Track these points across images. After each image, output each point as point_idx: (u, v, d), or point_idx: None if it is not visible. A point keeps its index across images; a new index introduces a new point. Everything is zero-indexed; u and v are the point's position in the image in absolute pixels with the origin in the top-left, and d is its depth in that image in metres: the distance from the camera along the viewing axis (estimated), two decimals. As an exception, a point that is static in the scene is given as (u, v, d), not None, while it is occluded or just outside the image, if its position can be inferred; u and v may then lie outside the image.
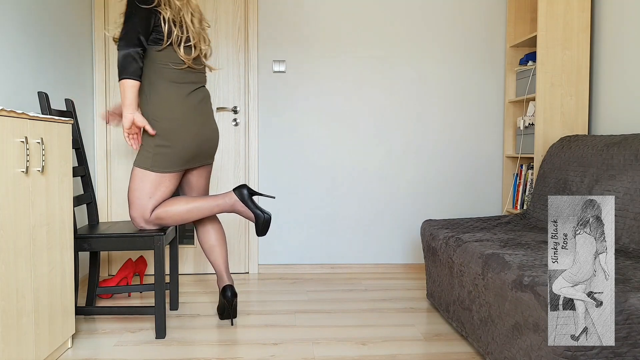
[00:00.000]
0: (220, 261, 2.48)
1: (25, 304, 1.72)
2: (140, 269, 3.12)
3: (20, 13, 2.40)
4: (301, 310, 2.67)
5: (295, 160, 3.45)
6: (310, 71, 3.43)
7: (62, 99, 2.85)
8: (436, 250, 2.51)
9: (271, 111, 3.43)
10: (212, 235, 2.49)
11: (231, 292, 2.42)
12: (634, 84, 2.61)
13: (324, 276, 3.37)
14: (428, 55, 3.48)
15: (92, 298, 2.62)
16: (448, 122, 3.51)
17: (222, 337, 2.30)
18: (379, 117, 3.47)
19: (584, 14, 2.91)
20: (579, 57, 2.93)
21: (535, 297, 1.56)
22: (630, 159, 2.19)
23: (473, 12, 3.48)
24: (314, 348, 2.18)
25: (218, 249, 2.49)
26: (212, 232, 2.49)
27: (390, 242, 3.53)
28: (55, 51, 2.77)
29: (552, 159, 2.73)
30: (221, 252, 2.49)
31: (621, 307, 1.41)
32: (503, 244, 2.10)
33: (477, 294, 2.02)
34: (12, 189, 1.63)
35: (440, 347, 2.19)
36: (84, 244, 2.32)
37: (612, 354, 1.42)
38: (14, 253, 1.65)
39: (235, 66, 3.40)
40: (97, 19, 3.29)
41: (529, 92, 3.15)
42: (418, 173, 3.51)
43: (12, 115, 1.63)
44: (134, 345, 2.21)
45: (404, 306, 2.74)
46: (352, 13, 3.43)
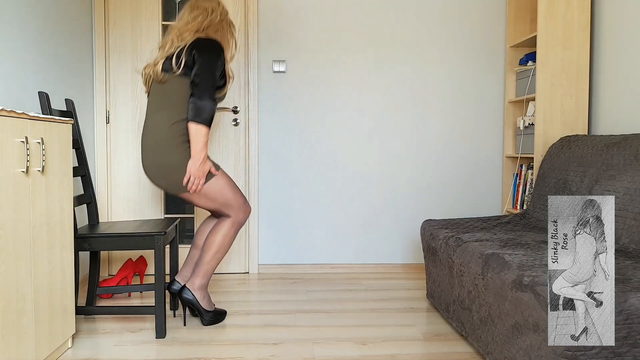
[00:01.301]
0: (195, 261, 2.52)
1: (25, 304, 1.72)
2: (140, 269, 3.12)
3: (21, 13, 2.40)
4: (301, 310, 2.67)
5: (295, 161, 3.45)
6: (310, 71, 3.43)
7: (62, 99, 2.85)
8: (436, 250, 2.51)
9: (271, 111, 3.43)
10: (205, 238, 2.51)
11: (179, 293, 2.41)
12: (634, 84, 2.61)
13: (324, 276, 3.37)
14: (428, 55, 3.48)
15: (92, 298, 2.62)
16: (448, 122, 3.51)
17: (222, 337, 2.31)
18: (378, 117, 3.47)
19: (584, 14, 2.91)
20: (579, 57, 2.93)
21: (535, 297, 1.56)
22: (630, 159, 2.19)
23: (473, 12, 3.48)
24: (314, 348, 2.18)
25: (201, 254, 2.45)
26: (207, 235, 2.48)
27: (390, 242, 3.53)
28: (56, 51, 2.77)
29: (552, 159, 2.73)
30: (201, 255, 2.43)
31: (621, 307, 1.41)
32: (503, 244, 2.10)
33: (477, 294, 2.02)
34: (12, 189, 1.63)
35: (440, 347, 2.19)
36: (84, 244, 2.32)
37: (612, 354, 1.42)
38: (14, 253, 1.65)
39: (235, 66, 3.40)
40: (97, 19, 3.29)
41: (529, 92, 3.15)
42: (418, 173, 3.51)
43: (12, 115, 1.63)
44: (134, 345, 2.21)
45: (404, 306, 2.74)
46: (352, 13, 3.43)
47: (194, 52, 2.28)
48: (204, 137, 2.25)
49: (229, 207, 2.39)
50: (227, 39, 2.50)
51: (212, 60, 2.28)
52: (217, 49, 2.32)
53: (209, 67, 2.27)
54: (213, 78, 2.27)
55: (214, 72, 2.28)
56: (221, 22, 2.46)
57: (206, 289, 2.44)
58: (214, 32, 2.43)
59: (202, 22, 2.38)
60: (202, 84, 2.25)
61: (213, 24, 2.42)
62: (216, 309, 2.49)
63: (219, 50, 2.32)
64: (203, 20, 2.39)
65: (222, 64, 2.34)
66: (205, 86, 2.25)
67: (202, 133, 2.25)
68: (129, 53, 3.34)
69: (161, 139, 2.29)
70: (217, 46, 2.33)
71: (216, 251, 2.39)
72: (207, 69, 2.26)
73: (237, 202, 2.40)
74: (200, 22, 2.38)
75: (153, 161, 2.31)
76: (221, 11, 2.47)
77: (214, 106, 2.28)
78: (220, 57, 2.31)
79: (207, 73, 2.26)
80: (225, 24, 2.49)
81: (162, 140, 2.29)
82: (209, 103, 2.25)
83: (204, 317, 2.43)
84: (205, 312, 2.43)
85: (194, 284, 2.40)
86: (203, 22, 2.39)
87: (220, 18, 2.45)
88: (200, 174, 2.28)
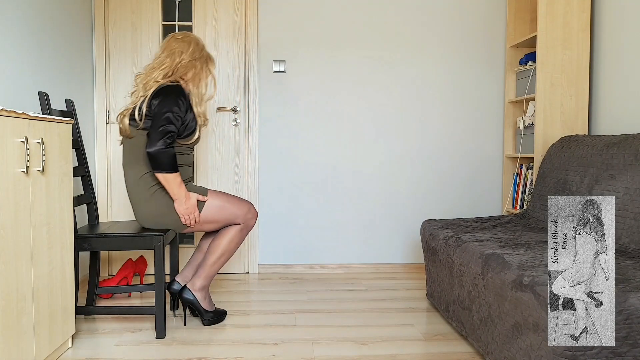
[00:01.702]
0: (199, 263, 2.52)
1: (25, 304, 1.72)
2: (140, 269, 3.12)
3: (21, 13, 2.40)
4: (301, 310, 2.67)
5: (296, 160, 3.45)
6: (310, 71, 3.43)
7: (62, 99, 2.85)
8: (436, 250, 2.51)
9: (271, 111, 3.43)
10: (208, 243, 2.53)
11: (179, 293, 2.43)
12: (634, 84, 2.61)
13: (324, 276, 3.37)
14: (428, 56, 3.48)
15: (92, 298, 2.62)
16: (448, 122, 3.51)
17: (222, 337, 2.31)
18: (379, 117, 3.47)
19: (584, 14, 2.91)
20: (579, 57, 2.93)
21: (535, 297, 1.56)
22: (630, 159, 2.19)
23: (473, 12, 3.48)
24: (314, 348, 2.18)
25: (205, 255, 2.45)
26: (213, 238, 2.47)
27: (390, 242, 3.53)
28: (56, 51, 2.77)
29: (552, 159, 2.73)
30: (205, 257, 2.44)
31: (621, 307, 1.41)
32: (503, 244, 2.10)
33: (477, 294, 2.02)
34: (12, 189, 1.63)
35: (440, 347, 2.19)
36: (84, 244, 2.32)
37: (612, 354, 1.42)
38: (14, 253, 1.65)
39: (235, 66, 3.40)
40: (97, 19, 3.29)
41: (529, 92, 3.15)
42: (418, 173, 3.51)
43: (13, 115, 1.63)
44: (134, 345, 2.21)
45: (404, 306, 2.74)
46: (352, 13, 3.43)
47: (152, 102, 2.22)
48: (173, 182, 2.22)
49: (235, 219, 2.38)
50: (200, 79, 2.41)
51: (166, 106, 2.19)
52: (174, 93, 2.23)
53: (162, 114, 2.19)
54: (167, 123, 2.18)
55: (168, 117, 2.19)
56: (193, 61, 2.36)
57: (207, 290, 2.44)
58: (185, 74, 2.36)
59: (170, 67, 2.31)
60: (152, 134, 2.18)
61: (182, 66, 2.34)
62: (216, 309, 2.49)
63: (176, 94, 2.23)
64: (171, 63, 2.32)
65: (185, 108, 2.26)
66: (155, 135, 2.17)
67: (169, 179, 2.21)
68: (129, 53, 3.34)
69: (136, 193, 2.31)
70: (174, 90, 2.24)
71: (220, 255, 2.39)
72: (160, 115, 2.19)
73: (242, 211, 2.39)
74: (168, 68, 2.31)
75: (142, 215, 2.33)
76: (192, 51, 2.36)
77: (170, 150, 2.18)
78: (178, 102, 2.22)
79: (159, 120, 2.18)
80: (198, 63, 2.38)
81: (137, 194, 2.30)
82: (161, 150, 2.16)
83: (204, 317, 2.43)
84: (205, 312, 2.43)
85: (194, 285, 2.40)
86: (171, 66, 2.32)
87: (190, 58, 2.35)
88: (190, 210, 2.28)
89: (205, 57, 2.42)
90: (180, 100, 2.24)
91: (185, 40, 2.38)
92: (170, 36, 2.42)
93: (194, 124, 2.33)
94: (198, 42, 2.42)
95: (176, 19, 3.39)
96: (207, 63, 2.43)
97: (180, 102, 2.24)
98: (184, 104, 2.25)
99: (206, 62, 2.43)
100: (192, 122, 2.32)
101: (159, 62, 2.34)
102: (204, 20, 3.37)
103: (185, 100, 2.27)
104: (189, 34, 2.44)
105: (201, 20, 3.37)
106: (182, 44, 2.36)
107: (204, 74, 2.42)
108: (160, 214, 2.30)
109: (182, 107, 2.24)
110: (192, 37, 2.42)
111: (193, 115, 2.33)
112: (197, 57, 2.38)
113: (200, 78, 2.42)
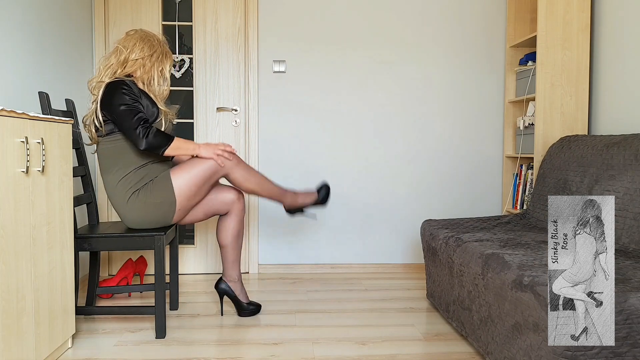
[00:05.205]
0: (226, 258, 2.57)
1: (25, 304, 1.72)
2: (140, 269, 3.12)
3: (21, 13, 2.40)
4: (301, 310, 2.67)
5: (296, 160, 3.45)
6: (310, 71, 3.43)
7: (62, 99, 2.85)
8: (436, 250, 2.51)
9: (271, 111, 3.43)
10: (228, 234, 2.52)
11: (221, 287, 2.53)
12: (634, 84, 2.61)
13: (324, 276, 3.37)
14: (428, 56, 3.48)
15: (92, 298, 2.62)
16: (448, 122, 3.51)
17: (222, 337, 2.31)
18: (379, 117, 3.48)
19: (584, 14, 2.91)
20: (579, 57, 2.93)
21: (535, 297, 1.56)
22: (630, 159, 2.19)
23: (473, 13, 3.48)
24: (314, 348, 2.18)
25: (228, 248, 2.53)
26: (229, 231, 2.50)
27: (390, 242, 3.53)
28: (56, 51, 2.77)
29: (552, 159, 2.73)
30: (228, 252, 2.52)
31: (621, 307, 1.41)
32: (503, 244, 2.10)
33: (477, 294, 2.02)
34: (12, 189, 1.63)
35: (440, 347, 2.19)
36: (84, 244, 2.32)
37: (612, 354, 1.42)
38: (14, 253, 1.65)
39: (235, 66, 3.40)
40: (97, 19, 3.29)
41: (529, 92, 3.15)
42: (418, 172, 3.51)
43: (13, 115, 1.63)
44: (134, 345, 2.21)
45: (404, 306, 2.74)
46: (352, 14, 3.43)
47: (104, 107, 2.22)
48: (179, 148, 2.25)
49: (222, 207, 2.45)
50: (150, 78, 2.35)
51: (115, 103, 2.18)
52: (114, 89, 2.20)
53: (119, 112, 2.18)
54: (130, 115, 2.17)
55: (125, 110, 2.17)
56: (141, 60, 2.31)
57: (241, 282, 2.55)
58: (135, 72, 2.33)
59: (117, 65, 2.29)
60: (128, 134, 2.19)
61: (129, 65, 2.30)
62: (251, 302, 2.60)
63: (115, 88, 2.20)
64: (116, 61, 2.29)
65: (135, 94, 2.23)
66: (131, 133, 2.17)
67: (175, 148, 2.24)
68: (129, 53, 3.33)
69: (116, 199, 2.31)
70: (114, 86, 2.21)
71: (232, 247, 2.50)
72: (118, 115, 2.19)
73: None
74: (115, 66, 2.29)
75: (129, 219, 2.33)
76: (140, 48, 2.30)
77: (153, 129, 2.18)
78: (122, 94, 2.19)
79: (121, 118, 2.18)
80: (148, 62, 2.32)
81: (118, 201, 2.31)
82: (148, 139, 2.17)
83: (240, 308, 2.56)
84: (240, 303, 2.55)
85: (228, 276, 2.53)
86: (117, 63, 2.29)
87: (139, 56, 2.30)
88: (216, 151, 2.29)
89: (158, 55, 2.35)
90: (123, 91, 2.20)
91: (135, 37, 2.34)
92: (125, 33, 2.39)
93: (156, 109, 2.30)
94: (150, 38, 2.35)
95: (176, 19, 3.39)
96: (160, 61, 2.36)
97: (124, 92, 2.20)
98: (130, 91, 2.22)
99: (159, 61, 2.36)
100: (154, 107, 2.30)
101: (105, 61, 2.33)
102: (204, 21, 3.37)
103: (130, 88, 2.23)
104: (139, 30, 2.38)
105: (201, 20, 3.37)
106: (129, 40, 2.33)
107: (155, 73, 2.36)
108: (144, 214, 2.30)
109: (130, 94, 2.21)
110: (142, 33, 2.36)
111: (149, 100, 2.30)
112: (147, 55, 2.32)
113: (151, 77, 2.36)
